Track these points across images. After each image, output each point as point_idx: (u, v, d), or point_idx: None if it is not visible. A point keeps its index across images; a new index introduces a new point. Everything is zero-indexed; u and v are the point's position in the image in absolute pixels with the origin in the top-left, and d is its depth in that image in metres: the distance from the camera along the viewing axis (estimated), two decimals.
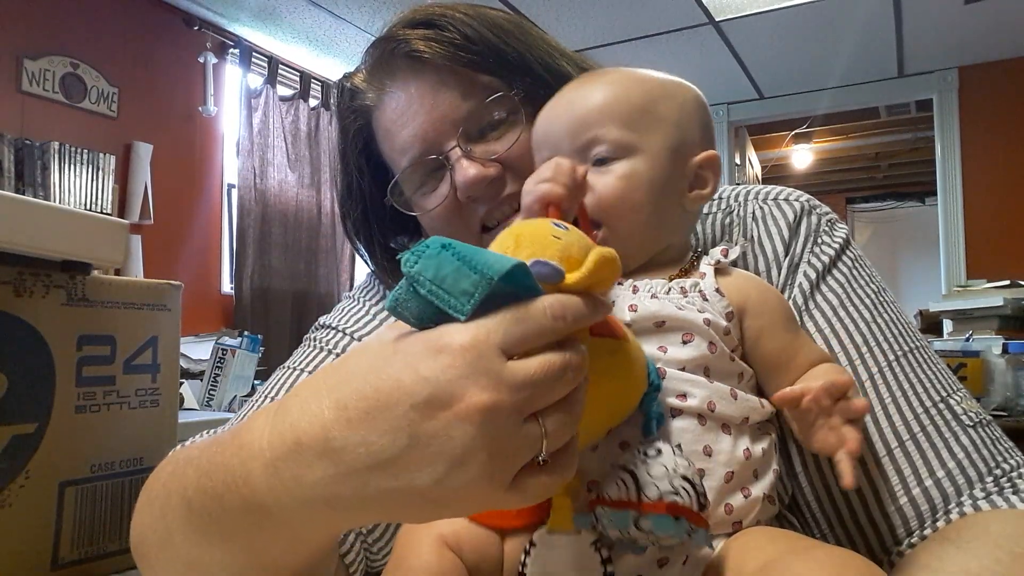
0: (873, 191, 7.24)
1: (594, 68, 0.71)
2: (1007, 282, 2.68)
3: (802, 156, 5.88)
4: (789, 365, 0.55)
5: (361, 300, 0.76)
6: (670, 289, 0.55)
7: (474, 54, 0.64)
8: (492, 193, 0.64)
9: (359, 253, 0.76)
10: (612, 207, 0.56)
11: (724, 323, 0.54)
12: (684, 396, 0.51)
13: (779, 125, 5.17)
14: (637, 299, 0.54)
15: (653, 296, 0.55)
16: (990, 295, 2.60)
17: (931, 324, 2.94)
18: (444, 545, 0.48)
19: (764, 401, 0.54)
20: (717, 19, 3.52)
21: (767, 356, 0.55)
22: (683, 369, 0.52)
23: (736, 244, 0.61)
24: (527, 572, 0.47)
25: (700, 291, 0.55)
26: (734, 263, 0.60)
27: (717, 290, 0.56)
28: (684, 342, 0.52)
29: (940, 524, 0.53)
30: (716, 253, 0.59)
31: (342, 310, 0.75)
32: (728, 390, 0.52)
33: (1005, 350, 2.09)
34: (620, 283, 0.56)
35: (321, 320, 0.75)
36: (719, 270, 0.58)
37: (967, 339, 2.34)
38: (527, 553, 0.47)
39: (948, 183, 4.15)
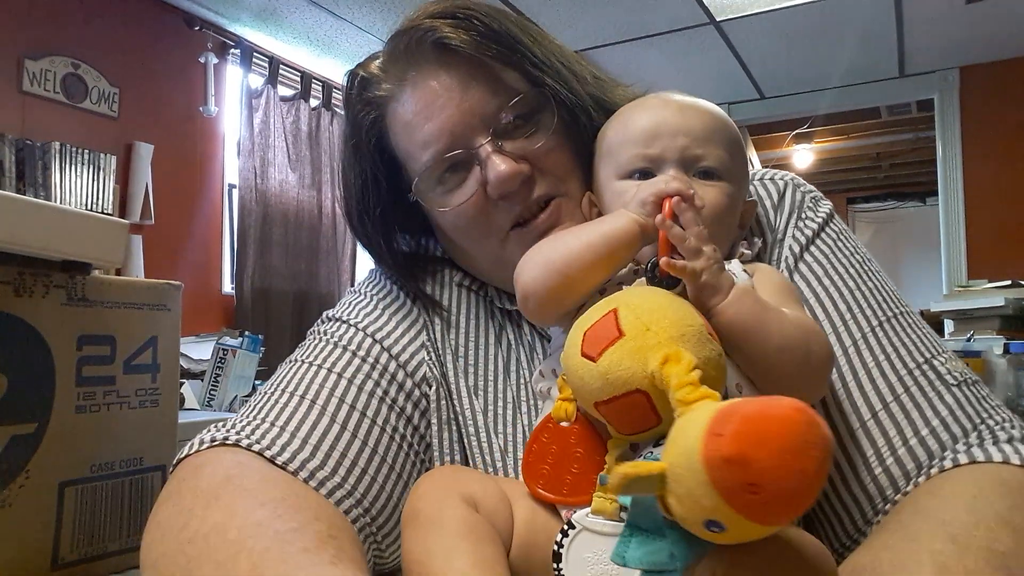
0: (874, 191, 7.23)
1: (602, 72, 0.71)
2: (1008, 282, 2.68)
3: (803, 156, 5.88)
4: None
5: (367, 295, 0.74)
6: None
7: (503, 47, 0.63)
8: (524, 192, 0.63)
9: (371, 252, 0.73)
10: (712, 216, 0.57)
11: None
12: None
13: (780, 125, 5.17)
14: None
15: None
16: (991, 295, 2.60)
17: (932, 324, 2.93)
18: (466, 503, 0.49)
19: None
20: (718, 19, 3.52)
21: None
22: None
23: (752, 244, 0.63)
24: (564, 553, 0.47)
25: (731, 271, 0.57)
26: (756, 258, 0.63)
27: (744, 270, 0.57)
28: None
29: (921, 480, 0.54)
30: (741, 248, 0.61)
31: (348, 304, 0.74)
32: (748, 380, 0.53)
33: (1006, 350, 2.08)
34: None
35: (327, 313, 0.74)
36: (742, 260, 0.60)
37: (968, 339, 2.34)
38: (564, 534, 0.47)
39: (949, 183, 4.15)
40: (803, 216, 0.67)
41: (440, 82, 0.63)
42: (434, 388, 0.68)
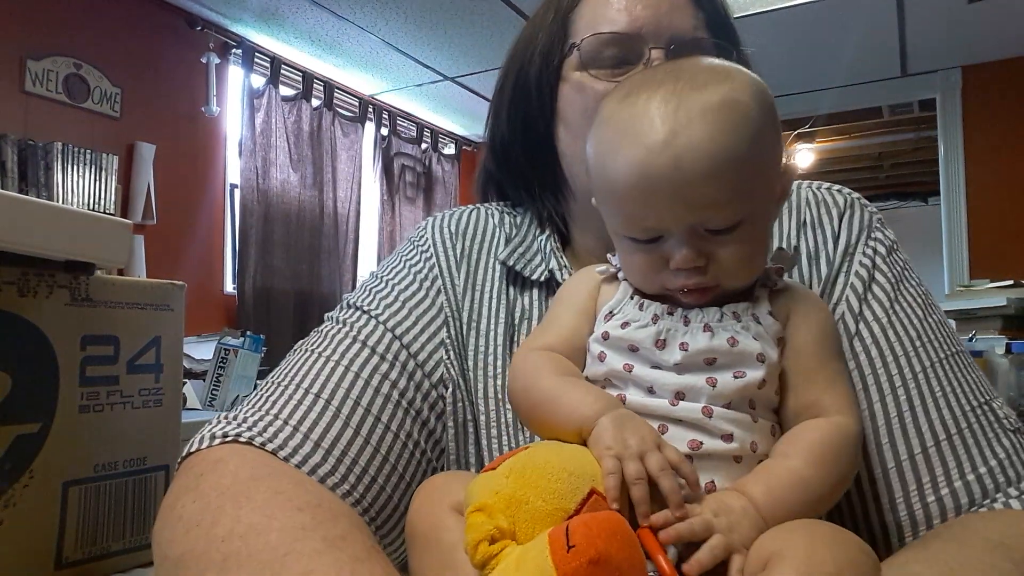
0: (876, 191, 7.22)
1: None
2: (1010, 282, 2.68)
3: (804, 156, 5.87)
4: (802, 387, 0.53)
5: (389, 284, 0.71)
6: (723, 316, 0.53)
7: None
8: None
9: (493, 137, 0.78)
10: (738, 269, 0.53)
11: (775, 352, 0.52)
12: (730, 437, 0.49)
13: (781, 125, 5.15)
14: (689, 334, 0.52)
15: (706, 328, 0.52)
16: (993, 295, 2.59)
17: None
18: (458, 513, 0.48)
19: None
20: None
21: (786, 369, 0.54)
22: (729, 405, 0.50)
23: (791, 260, 0.62)
24: None
25: (753, 314, 0.53)
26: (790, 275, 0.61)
27: (770, 312, 0.54)
28: (735, 377, 0.51)
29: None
30: (772, 275, 0.57)
31: (369, 291, 0.71)
32: (770, 427, 0.52)
33: (1008, 350, 2.08)
34: (671, 313, 0.54)
35: (347, 299, 0.71)
36: (774, 291, 0.56)
37: (970, 339, 2.34)
38: None
39: (951, 183, 4.14)
40: (872, 235, 0.69)
41: None
42: (451, 390, 0.66)
